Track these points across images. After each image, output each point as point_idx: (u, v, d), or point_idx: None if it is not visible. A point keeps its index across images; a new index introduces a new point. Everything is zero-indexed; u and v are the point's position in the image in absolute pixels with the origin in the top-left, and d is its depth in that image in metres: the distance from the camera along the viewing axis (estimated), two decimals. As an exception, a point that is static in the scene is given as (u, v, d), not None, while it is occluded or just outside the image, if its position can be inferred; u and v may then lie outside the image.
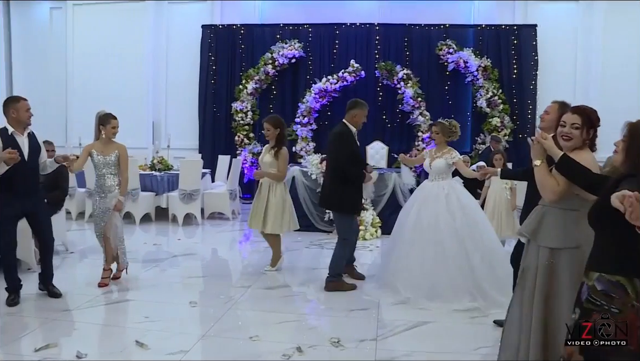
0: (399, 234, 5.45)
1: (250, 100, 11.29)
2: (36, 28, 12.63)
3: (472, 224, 5.16)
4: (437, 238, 5.08)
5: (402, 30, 11.26)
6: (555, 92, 10.82)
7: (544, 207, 3.09)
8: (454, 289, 4.94)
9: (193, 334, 4.17)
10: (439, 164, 5.38)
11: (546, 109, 4.12)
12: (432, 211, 5.20)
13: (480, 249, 5.07)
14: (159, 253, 7.10)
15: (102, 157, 5.46)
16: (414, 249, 5.18)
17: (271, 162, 5.86)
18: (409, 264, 5.17)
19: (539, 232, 3.07)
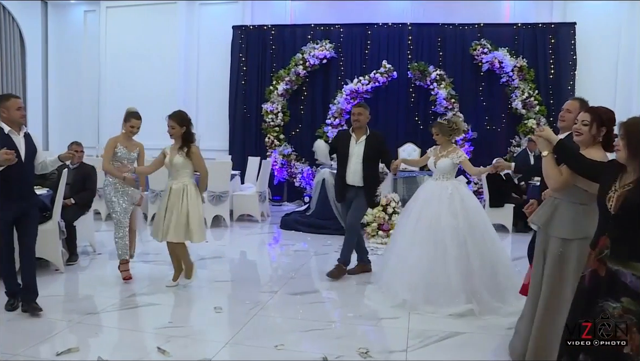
0: (400, 234, 5.36)
1: (280, 101, 11.20)
2: (71, 30, 12.82)
3: (474, 226, 5.03)
4: (438, 238, 4.97)
5: (435, 29, 11.04)
6: (594, 93, 10.43)
7: (556, 200, 3.36)
8: (451, 293, 4.82)
9: (216, 341, 4.05)
10: (445, 163, 5.33)
11: (567, 107, 4.09)
12: (434, 211, 5.09)
13: (481, 253, 4.93)
14: (186, 256, 7.02)
15: (126, 151, 5.58)
16: (413, 250, 5.07)
17: (183, 163, 5.26)
18: (408, 265, 5.05)
19: (551, 223, 3.35)
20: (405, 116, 11.08)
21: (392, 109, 11.11)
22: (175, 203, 5.25)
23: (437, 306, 4.79)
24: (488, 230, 5.13)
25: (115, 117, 11.97)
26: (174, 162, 5.31)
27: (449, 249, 4.91)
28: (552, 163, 3.25)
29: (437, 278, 4.87)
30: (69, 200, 6.38)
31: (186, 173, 5.34)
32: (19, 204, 4.53)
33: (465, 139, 10.40)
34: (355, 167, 5.88)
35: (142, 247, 7.43)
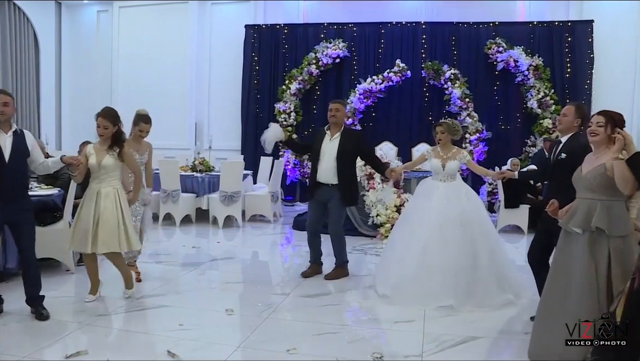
0: (419, 234, 5.22)
1: (293, 101, 11.13)
2: (84, 30, 12.84)
3: (481, 225, 5.25)
4: (469, 236, 5.09)
5: (450, 28, 10.92)
6: (612, 91, 10.35)
7: (605, 202, 3.40)
8: (490, 286, 4.99)
9: (227, 345, 3.97)
10: (454, 165, 5.43)
11: (564, 112, 4.36)
12: (461, 209, 5.20)
13: (485, 250, 5.13)
14: (198, 256, 6.97)
15: (138, 156, 5.41)
16: (447, 250, 5.04)
17: (114, 165, 4.82)
18: (444, 267, 5.00)
19: (611, 224, 3.36)
20: (419, 116, 10.98)
21: (405, 109, 11.01)
22: (108, 209, 4.73)
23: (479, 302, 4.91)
24: (488, 227, 5.37)
25: (128, 117, 11.95)
26: (104, 164, 4.76)
27: (480, 244, 5.07)
28: (627, 167, 3.28)
29: (475, 275, 5.00)
30: (80, 200, 6.32)
31: (116, 176, 4.87)
32: (6, 208, 4.27)
33: (480, 139, 10.27)
34: (328, 164, 5.77)
35: (153, 247, 7.39)
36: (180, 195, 8.86)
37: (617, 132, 3.42)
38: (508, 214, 8.58)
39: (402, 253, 5.31)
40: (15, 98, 11.37)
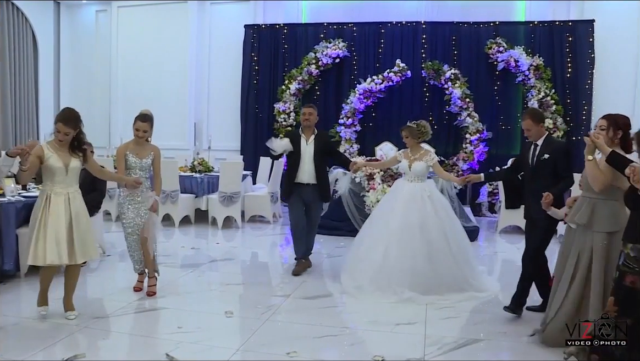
0: (383, 233, 5.48)
1: (293, 101, 11.08)
2: (82, 30, 12.77)
3: (453, 222, 5.53)
4: (427, 237, 5.31)
5: (450, 28, 10.85)
6: (613, 92, 10.30)
7: (592, 199, 3.77)
8: (447, 284, 5.24)
9: (227, 348, 3.93)
10: (420, 166, 5.65)
11: (525, 127, 4.77)
12: (422, 212, 5.42)
13: (460, 245, 5.47)
14: (197, 257, 6.93)
15: (137, 159, 5.22)
16: (406, 249, 5.29)
17: (78, 168, 4.61)
18: (403, 265, 5.25)
19: (594, 220, 3.74)
20: (419, 116, 10.68)
21: (406, 109, 10.93)
22: (80, 213, 4.54)
23: (436, 298, 5.12)
24: (459, 224, 5.69)
25: (127, 117, 12.00)
26: (72, 166, 4.51)
27: (438, 245, 5.31)
28: (597, 167, 3.66)
29: (432, 273, 5.23)
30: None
31: (77, 179, 4.66)
32: None
33: (481, 139, 10.22)
34: (309, 166, 6.17)
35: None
36: (179, 196, 8.82)
37: (587, 135, 3.72)
38: (508, 215, 8.53)
39: (365, 253, 5.55)
40: (14, 98, 11.34)
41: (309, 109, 6.31)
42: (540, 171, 4.68)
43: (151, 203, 5.21)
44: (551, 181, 4.59)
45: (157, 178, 5.37)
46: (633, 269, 3.11)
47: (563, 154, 4.67)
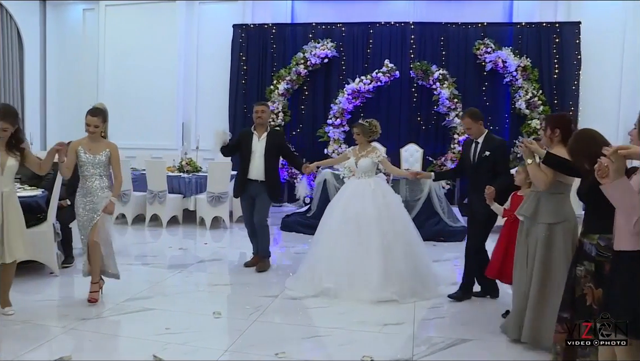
0: (326, 228, 5.64)
1: (281, 101, 11.06)
2: (69, 29, 12.67)
3: (396, 219, 5.55)
4: (363, 231, 5.39)
5: (438, 29, 10.88)
6: (599, 92, 10.39)
7: (537, 193, 3.99)
8: (375, 280, 5.21)
9: (215, 349, 3.91)
10: (366, 162, 5.72)
11: (466, 126, 5.15)
12: (360, 206, 5.51)
13: (403, 243, 5.44)
14: (185, 258, 6.90)
15: (90, 155, 4.87)
16: (340, 241, 5.42)
17: (16, 166, 4.52)
18: (334, 256, 5.39)
19: (538, 212, 3.96)
20: (407, 116, 10.94)
21: (394, 109, 10.97)
22: (11, 212, 4.47)
23: (359, 293, 5.14)
24: (408, 222, 5.69)
25: (114, 116, 11.91)
26: (9, 165, 4.44)
27: (372, 239, 5.34)
28: (538, 168, 3.92)
29: (361, 266, 5.29)
30: (65, 201, 6.24)
31: (13, 178, 4.60)
32: None
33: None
34: (259, 162, 6.26)
35: (140, 249, 7.32)
36: (167, 196, 8.76)
37: (521, 143, 4.00)
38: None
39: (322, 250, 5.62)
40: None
41: (262, 106, 6.42)
42: (480, 168, 5.05)
43: (105, 204, 4.87)
44: (491, 177, 4.94)
45: (116, 178, 5.02)
46: (608, 257, 3.21)
47: (502, 151, 5.12)
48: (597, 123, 8.35)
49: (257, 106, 6.44)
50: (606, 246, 3.26)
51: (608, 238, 3.21)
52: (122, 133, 11.48)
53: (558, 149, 3.91)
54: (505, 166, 5.14)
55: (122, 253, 7.11)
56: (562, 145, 3.92)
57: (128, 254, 7.08)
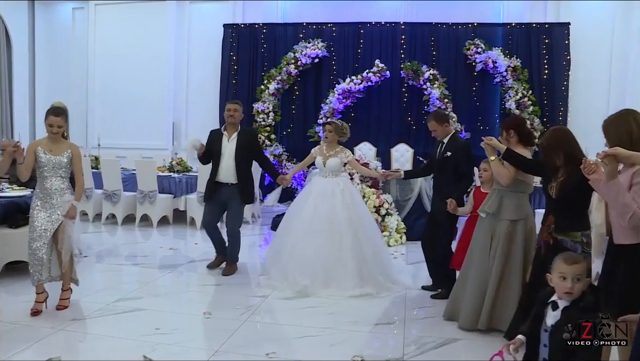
0: (294, 227, 5.69)
1: (272, 101, 11.05)
2: (59, 28, 12.57)
3: (363, 217, 5.70)
4: (335, 229, 5.49)
5: (429, 29, 10.91)
6: (588, 93, 10.46)
7: (501, 190, 4.22)
8: (348, 277, 5.36)
9: (205, 349, 3.91)
10: (334, 162, 5.80)
11: (431, 128, 5.38)
12: (330, 205, 5.60)
13: (371, 240, 5.62)
14: (175, 258, 6.88)
15: (51, 156, 4.60)
16: (311, 240, 5.49)
17: None
18: (306, 254, 5.46)
19: (501, 209, 4.19)
20: (398, 116, 10.96)
21: (385, 109, 10.99)
22: None
23: (336, 290, 5.28)
24: (372, 221, 5.90)
25: (105, 117, 11.91)
26: None
27: (344, 238, 5.46)
28: (500, 165, 4.16)
29: (335, 264, 5.40)
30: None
31: None
32: None
33: (459, 140, 10.28)
34: (228, 164, 6.00)
35: (130, 249, 7.29)
36: (157, 196, 8.73)
37: (482, 140, 4.23)
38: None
39: (278, 247, 5.80)
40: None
41: (234, 105, 6.11)
42: (443, 167, 5.25)
43: (67, 208, 4.62)
44: (453, 178, 5.14)
45: (78, 181, 4.73)
46: (589, 253, 3.49)
47: (464, 153, 5.21)
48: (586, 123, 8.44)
49: (229, 104, 6.15)
50: (587, 243, 3.51)
51: (588, 235, 3.52)
52: (112, 133, 11.50)
53: (517, 149, 4.16)
54: (467, 168, 5.22)
55: (113, 253, 7.13)
56: (520, 145, 4.25)
57: (118, 255, 7.06)
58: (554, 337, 2.53)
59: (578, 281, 2.53)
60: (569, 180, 3.45)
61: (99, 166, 9.34)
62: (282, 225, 5.98)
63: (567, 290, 2.52)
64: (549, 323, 2.57)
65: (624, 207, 2.74)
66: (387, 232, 7.66)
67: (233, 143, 6.04)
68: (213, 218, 6.21)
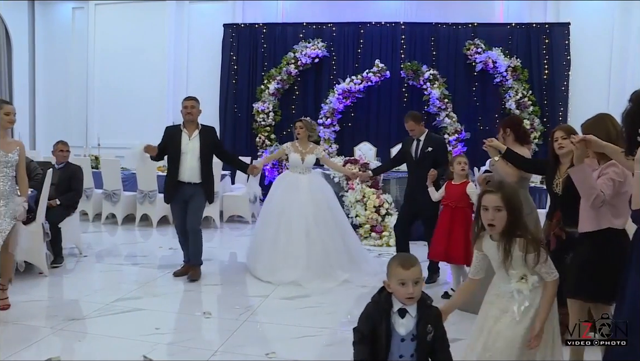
0: (275, 223, 5.88)
1: (272, 101, 11.04)
2: (58, 28, 12.57)
3: (339, 210, 6.11)
4: (320, 223, 5.81)
5: (429, 29, 10.91)
6: (588, 93, 10.45)
7: None
8: (331, 268, 5.75)
9: (205, 349, 3.90)
10: (311, 159, 6.11)
11: (409, 128, 5.80)
12: (311, 200, 5.88)
13: (341, 231, 5.97)
14: (175, 258, 6.85)
15: (3, 153, 4.42)
16: (296, 237, 5.74)
17: None
18: (289, 252, 5.70)
19: None
20: (398, 116, 10.92)
21: (384, 109, 10.99)
22: None
23: (323, 281, 5.60)
24: (341, 211, 6.26)
25: (104, 116, 11.89)
26: None
27: (323, 231, 5.79)
28: (505, 164, 4.26)
29: (319, 257, 5.70)
30: (54, 201, 6.20)
31: None
32: None
33: (459, 140, 10.28)
34: (192, 163, 5.78)
35: (129, 249, 7.29)
36: (157, 196, 8.72)
37: (484, 142, 4.28)
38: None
39: (287, 245, 5.81)
40: (-13, 97, 11.13)
41: (192, 101, 5.86)
42: (423, 162, 5.68)
43: (20, 211, 4.48)
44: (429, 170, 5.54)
45: (22, 180, 4.58)
46: None
47: (443, 147, 6.00)
48: (586, 123, 8.37)
49: (186, 100, 5.89)
50: None
51: None
52: (111, 132, 11.48)
53: (514, 147, 4.36)
54: (444, 158, 5.85)
55: (112, 253, 7.13)
56: (517, 143, 4.49)
57: (118, 254, 7.06)
58: (418, 341, 2.44)
59: (417, 284, 2.41)
60: None
61: (98, 165, 9.35)
62: (260, 222, 6.16)
63: (409, 296, 2.40)
64: (403, 332, 2.45)
65: (590, 189, 3.05)
66: (387, 232, 7.65)
67: (196, 142, 5.80)
68: (184, 221, 5.91)
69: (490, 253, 2.79)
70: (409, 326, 2.46)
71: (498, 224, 2.67)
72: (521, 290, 2.70)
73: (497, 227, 2.68)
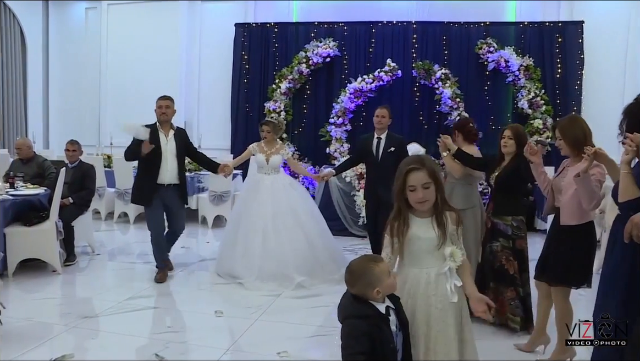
0: (254, 226, 5.77)
1: (283, 100, 11.04)
2: (72, 28, 12.65)
3: (299, 212, 5.90)
4: (303, 223, 5.81)
5: (441, 28, 10.86)
6: (602, 92, 10.35)
7: (452, 183, 4.77)
8: (322, 266, 5.76)
9: (216, 348, 3.91)
10: (277, 159, 6.10)
11: (381, 114, 6.04)
12: (263, 200, 5.85)
13: (308, 233, 5.84)
14: (187, 257, 6.90)
15: None
16: (284, 238, 5.68)
17: None
18: (281, 257, 5.60)
19: (451, 200, 4.22)
20: (409, 115, 10.92)
21: (396, 108, 10.90)
22: None
23: (320, 281, 5.63)
24: (317, 212, 6.24)
25: (117, 115, 11.95)
26: None
27: (309, 229, 5.83)
28: (452, 160, 4.74)
29: (274, 258, 5.61)
30: (67, 199, 6.25)
31: None
32: None
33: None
34: (172, 165, 5.71)
35: (141, 247, 7.32)
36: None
37: (438, 138, 4.88)
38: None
39: (244, 245, 5.75)
40: (1, 97, 11.24)
41: (166, 101, 5.78)
42: (386, 161, 5.71)
43: None
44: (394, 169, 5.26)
45: None
46: (519, 235, 4.27)
47: (404, 147, 6.08)
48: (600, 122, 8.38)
49: (160, 100, 5.81)
50: (517, 227, 4.27)
51: (520, 220, 4.29)
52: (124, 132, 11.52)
53: (464, 146, 4.84)
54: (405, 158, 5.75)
55: (125, 252, 7.16)
56: (466, 142, 4.93)
57: (130, 253, 7.10)
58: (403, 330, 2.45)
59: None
60: (504, 171, 4.30)
61: (111, 164, 9.40)
62: (232, 224, 6.12)
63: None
64: (394, 327, 2.42)
65: (592, 194, 3.27)
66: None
67: (172, 143, 5.74)
68: (162, 223, 5.87)
69: (420, 232, 2.61)
70: (394, 319, 2.44)
71: (430, 200, 2.58)
72: (452, 268, 2.56)
73: (429, 201, 2.58)
